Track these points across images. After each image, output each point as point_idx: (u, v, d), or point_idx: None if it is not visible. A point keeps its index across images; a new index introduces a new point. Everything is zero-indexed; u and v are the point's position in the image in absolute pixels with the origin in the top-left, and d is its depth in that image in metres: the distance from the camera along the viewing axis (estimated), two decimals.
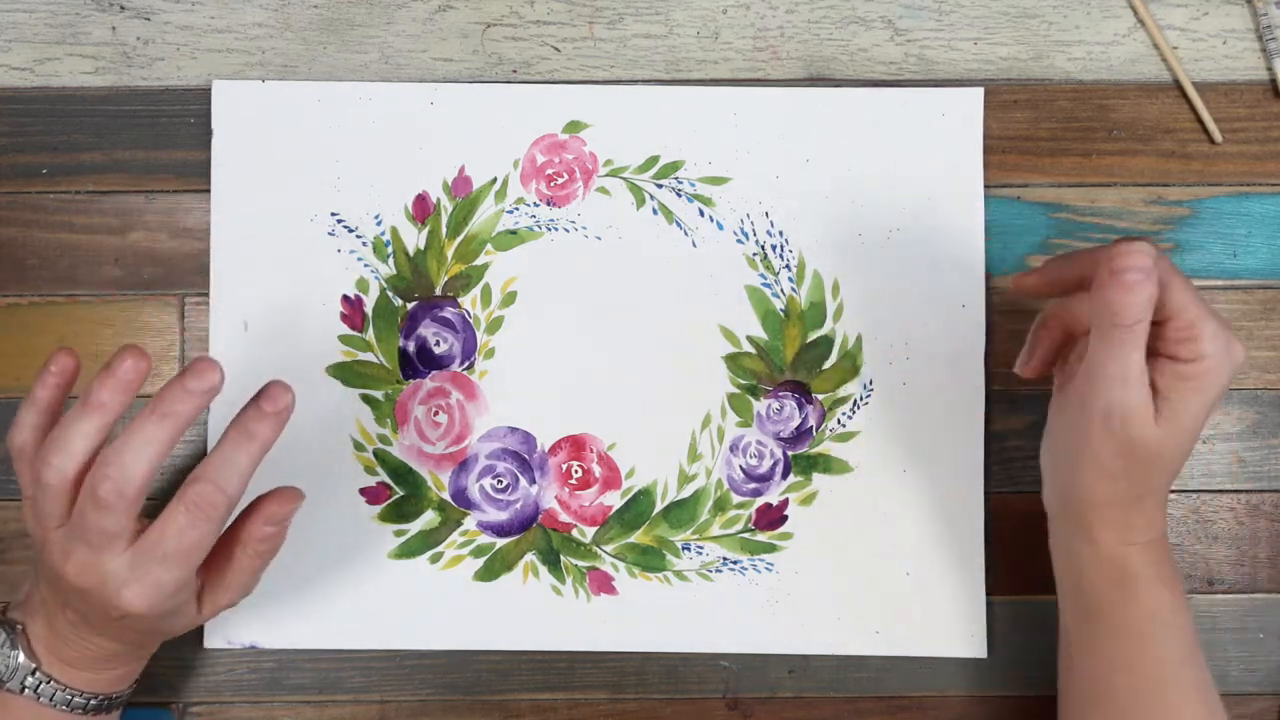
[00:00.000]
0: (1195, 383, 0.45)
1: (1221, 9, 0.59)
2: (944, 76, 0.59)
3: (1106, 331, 0.45)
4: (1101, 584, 0.48)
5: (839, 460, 0.58)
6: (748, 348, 0.58)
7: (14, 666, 0.49)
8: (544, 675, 0.58)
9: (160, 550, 0.46)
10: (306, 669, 0.58)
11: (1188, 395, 0.45)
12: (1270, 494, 0.58)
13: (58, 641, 0.49)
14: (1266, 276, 0.59)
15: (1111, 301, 0.44)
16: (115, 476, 0.45)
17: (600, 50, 0.59)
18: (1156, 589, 0.48)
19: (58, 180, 0.58)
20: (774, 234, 0.58)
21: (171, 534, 0.46)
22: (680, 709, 0.58)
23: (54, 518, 0.47)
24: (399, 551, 0.58)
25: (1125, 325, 0.44)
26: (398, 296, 0.58)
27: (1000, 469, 0.58)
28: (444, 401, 0.58)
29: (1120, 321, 0.44)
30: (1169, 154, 0.59)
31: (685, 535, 0.58)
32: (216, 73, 0.59)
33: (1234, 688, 0.58)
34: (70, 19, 0.59)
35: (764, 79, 0.59)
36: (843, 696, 0.58)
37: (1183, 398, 0.45)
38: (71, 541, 0.46)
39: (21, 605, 0.50)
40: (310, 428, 0.58)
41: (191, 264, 0.58)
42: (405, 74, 0.59)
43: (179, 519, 0.46)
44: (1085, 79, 0.59)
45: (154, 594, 0.47)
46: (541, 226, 0.58)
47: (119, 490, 0.45)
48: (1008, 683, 0.58)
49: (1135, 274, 0.44)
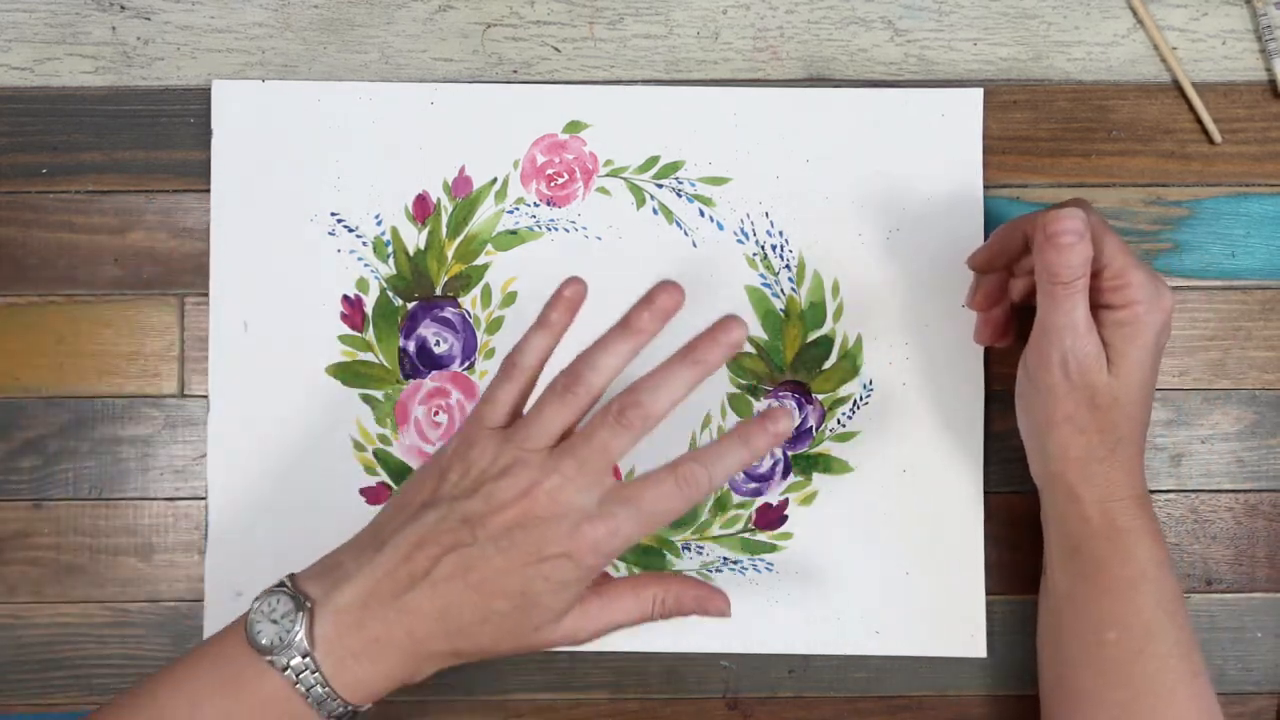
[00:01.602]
0: (1131, 328, 0.49)
1: (1221, 9, 0.59)
2: (944, 77, 0.59)
3: (1050, 290, 0.49)
4: (1093, 542, 0.51)
5: (839, 460, 0.58)
6: (748, 348, 0.58)
7: (289, 641, 0.46)
8: (544, 675, 0.58)
9: (635, 502, 0.46)
10: None
11: (1127, 341, 0.49)
12: (1268, 494, 0.58)
13: (367, 616, 0.46)
14: (1265, 277, 0.59)
15: (1050, 263, 0.49)
16: (646, 402, 0.46)
17: (600, 50, 0.59)
18: (1146, 542, 0.50)
19: (58, 180, 0.58)
20: (774, 234, 0.58)
21: (652, 494, 0.46)
22: (680, 709, 0.58)
23: (550, 435, 0.47)
24: None
25: (1065, 283, 0.49)
26: (398, 296, 0.58)
27: (1000, 469, 0.58)
28: (444, 402, 0.58)
29: (1059, 280, 0.49)
30: (1168, 154, 0.59)
31: (685, 535, 0.58)
32: (216, 73, 0.59)
33: (1232, 687, 0.58)
34: (70, 19, 0.59)
35: (764, 79, 0.59)
36: (843, 696, 0.58)
37: (1125, 343, 0.49)
38: (559, 459, 0.46)
39: (323, 576, 0.48)
40: (310, 428, 0.58)
41: (191, 264, 0.58)
42: (405, 74, 0.59)
43: (667, 485, 0.46)
44: (1085, 79, 0.59)
45: (609, 541, 0.46)
46: (542, 226, 0.58)
47: (645, 415, 0.46)
48: (1008, 683, 0.58)
49: (1068, 236, 0.48)
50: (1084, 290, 0.49)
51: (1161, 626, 0.50)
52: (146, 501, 0.58)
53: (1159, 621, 0.50)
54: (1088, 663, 0.51)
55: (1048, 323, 0.50)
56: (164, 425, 0.58)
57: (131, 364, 0.58)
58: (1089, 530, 0.51)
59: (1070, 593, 0.51)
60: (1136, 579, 0.50)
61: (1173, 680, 0.49)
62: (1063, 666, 0.52)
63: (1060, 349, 0.49)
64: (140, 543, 0.58)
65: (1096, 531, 0.50)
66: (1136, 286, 0.49)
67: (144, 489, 0.58)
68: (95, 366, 0.58)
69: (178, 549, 0.58)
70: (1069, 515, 0.51)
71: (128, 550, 0.58)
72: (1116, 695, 0.50)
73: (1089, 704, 0.50)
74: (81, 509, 0.58)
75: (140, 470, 0.58)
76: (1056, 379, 0.50)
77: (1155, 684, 0.49)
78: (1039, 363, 0.50)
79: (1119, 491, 0.50)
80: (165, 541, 0.58)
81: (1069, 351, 0.49)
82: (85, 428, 0.58)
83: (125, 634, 0.58)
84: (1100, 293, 0.50)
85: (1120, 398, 0.50)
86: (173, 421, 0.58)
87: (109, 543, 0.58)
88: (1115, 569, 0.50)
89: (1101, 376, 0.49)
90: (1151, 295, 0.49)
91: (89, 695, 0.57)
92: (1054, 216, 0.48)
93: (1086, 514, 0.51)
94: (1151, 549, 0.50)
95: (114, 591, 0.58)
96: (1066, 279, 0.49)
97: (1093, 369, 0.49)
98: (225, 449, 0.58)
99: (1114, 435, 0.50)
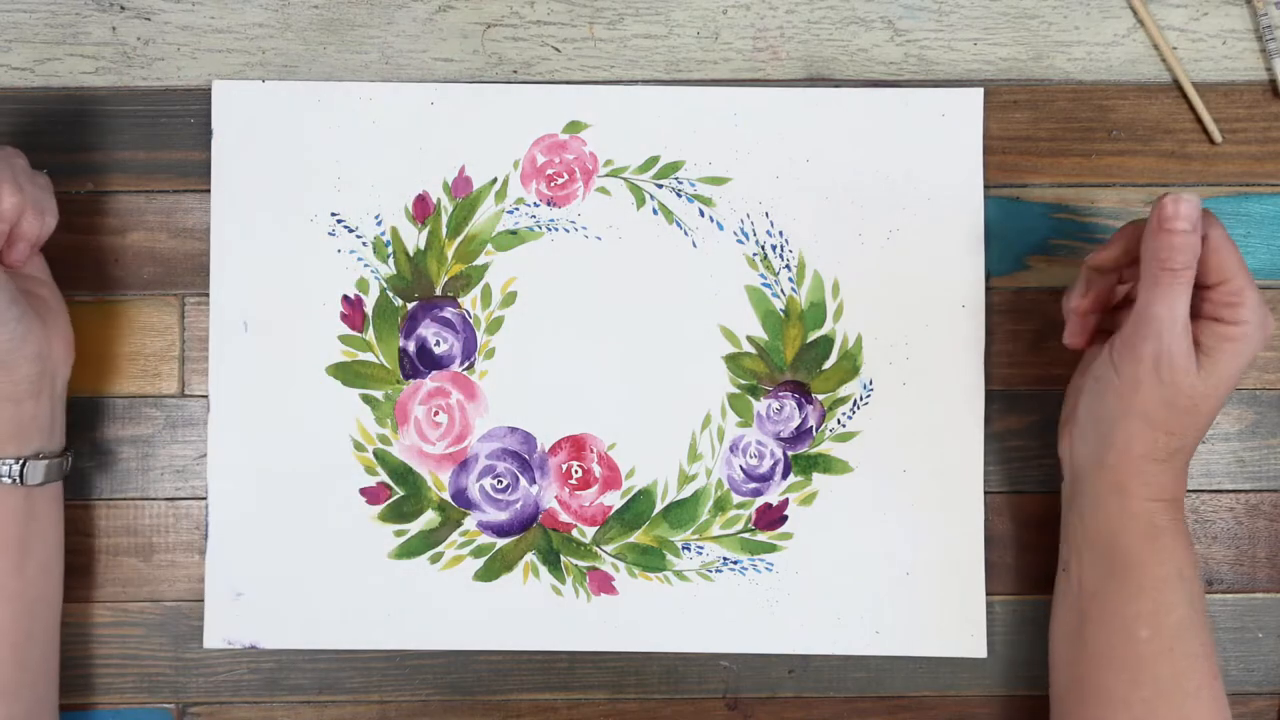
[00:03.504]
0: (1235, 344, 0.49)
1: (1221, 9, 0.59)
2: (944, 77, 0.59)
3: (1155, 276, 0.49)
4: (1133, 538, 0.51)
5: (839, 460, 0.58)
6: (748, 348, 0.58)
7: None
8: (544, 675, 0.58)
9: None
10: (306, 669, 0.58)
11: (1227, 354, 0.49)
12: (1269, 494, 0.58)
13: None
14: (1266, 277, 0.59)
15: (1159, 248, 0.48)
16: None
17: (600, 50, 0.59)
18: (1181, 544, 0.51)
19: (58, 180, 0.58)
20: (774, 234, 0.58)
21: None
22: (680, 709, 0.58)
23: None
24: (399, 551, 0.58)
25: (1172, 270, 0.48)
26: (398, 296, 0.58)
27: (1000, 469, 0.58)
28: (444, 401, 0.58)
29: (1167, 266, 0.48)
30: (1169, 154, 0.59)
31: (685, 535, 0.58)
32: (216, 73, 0.59)
33: (1233, 687, 0.58)
34: (70, 19, 0.59)
35: (764, 79, 0.59)
36: (843, 696, 0.58)
37: (1223, 355, 0.49)
38: None
39: None
40: (310, 428, 0.58)
41: (191, 264, 0.58)
42: (405, 74, 0.59)
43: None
44: (1085, 79, 0.59)
45: None
46: (542, 226, 0.58)
47: None
48: (1008, 683, 0.58)
49: (1181, 222, 0.48)
50: (1188, 284, 0.49)
51: (1192, 626, 0.50)
52: (146, 501, 0.58)
53: (1190, 621, 0.50)
54: (1114, 661, 0.50)
55: (1147, 312, 0.49)
56: (164, 425, 0.58)
57: (131, 364, 0.58)
58: (1132, 527, 0.51)
59: (1099, 590, 0.51)
60: (1173, 578, 0.50)
61: (1198, 681, 0.49)
62: (1084, 665, 0.51)
63: (1155, 342, 0.49)
64: (140, 543, 0.58)
65: (1138, 530, 0.50)
66: (1250, 307, 0.49)
67: (144, 489, 0.58)
68: (95, 366, 0.58)
69: (178, 549, 0.58)
70: (1111, 509, 0.51)
71: (128, 550, 0.58)
72: (1141, 694, 0.49)
73: (1111, 703, 0.50)
74: (82, 509, 0.58)
75: (140, 470, 0.58)
76: (1144, 371, 0.49)
77: (1182, 684, 0.49)
78: (1128, 351, 0.50)
79: (1165, 493, 0.51)
80: (165, 541, 0.58)
81: (1164, 346, 0.49)
82: (85, 428, 0.58)
83: (125, 634, 0.58)
84: (1212, 304, 0.49)
85: (1200, 405, 0.49)
86: (173, 421, 0.58)
87: (109, 543, 0.58)
88: (1152, 567, 0.50)
89: (1189, 379, 0.49)
90: (1261, 319, 0.49)
91: (89, 695, 0.57)
92: (1170, 200, 0.48)
93: (1133, 510, 0.51)
94: (1186, 550, 0.51)
95: (114, 591, 0.58)
96: (1174, 265, 0.48)
97: (1181, 369, 0.49)
98: (225, 449, 0.58)
99: (1181, 439, 0.50)
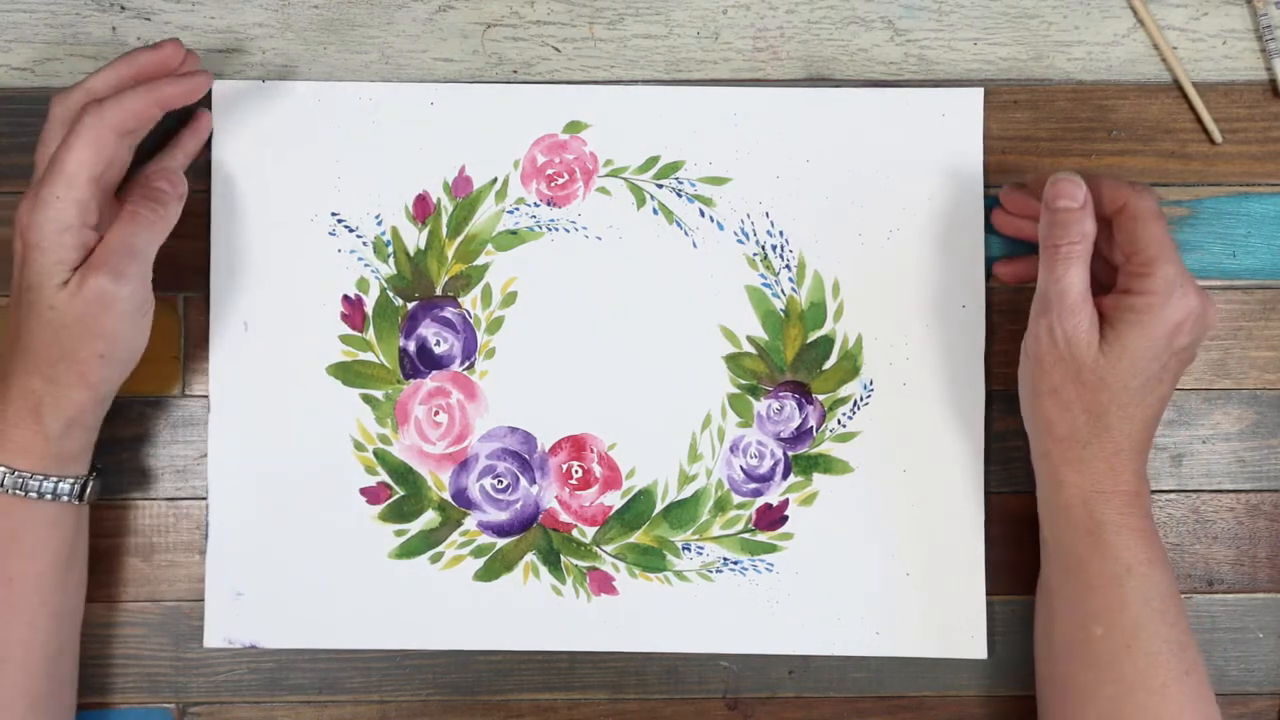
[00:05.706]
0: (1138, 315, 0.49)
1: (1221, 9, 0.59)
2: (944, 76, 0.59)
3: (1048, 254, 0.51)
4: (1073, 535, 0.51)
5: (839, 460, 0.58)
6: (748, 348, 0.58)
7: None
8: (544, 675, 0.58)
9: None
10: (306, 669, 0.58)
11: (1130, 326, 0.49)
12: (1270, 494, 0.58)
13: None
14: (1266, 276, 0.59)
15: (1045, 224, 0.51)
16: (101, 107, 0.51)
17: (600, 50, 0.59)
18: (1126, 537, 0.50)
19: None
20: (774, 234, 0.58)
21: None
22: (680, 709, 0.58)
23: None
24: (399, 551, 0.58)
25: (1056, 245, 0.50)
26: (398, 296, 0.58)
27: (1000, 469, 0.58)
28: (444, 401, 0.58)
29: (1050, 242, 0.50)
30: (1169, 154, 0.59)
31: (685, 535, 0.58)
32: (216, 73, 0.59)
33: (1233, 687, 0.58)
34: (70, 19, 0.59)
35: (764, 79, 0.59)
36: (843, 696, 0.58)
37: (1125, 327, 0.49)
38: None
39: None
40: (310, 428, 0.58)
41: (191, 264, 0.58)
42: (405, 74, 0.59)
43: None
44: (1085, 79, 0.59)
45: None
46: (542, 226, 0.58)
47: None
48: (1008, 683, 0.58)
49: (1063, 200, 0.50)
50: (1080, 259, 0.50)
51: (1150, 623, 0.50)
52: (146, 501, 0.58)
53: (1147, 618, 0.50)
54: (1077, 657, 0.51)
55: (1042, 288, 0.51)
56: (164, 425, 0.58)
57: None
58: (1069, 521, 0.51)
59: (1059, 587, 0.52)
60: (1121, 575, 0.50)
61: (1163, 677, 0.49)
62: (1055, 661, 0.52)
63: (1048, 316, 0.50)
64: (140, 543, 0.58)
65: (1077, 524, 0.51)
66: (1158, 279, 0.49)
67: (144, 489, 0.58)
68: None
69: (178, 549, 0.58)
70: (1053, 505, 0.52)
71: (128, 550, 0.58)
72: (1106, 690, 0.50)
73: (1080, 699, 0.51)
74: None
75: (140, 470, 0.58)
76: (1044, 347, 0.51)
77: (1146, 680, 0.49)
78: (1031, 329, 0.51)
79: (1103, 484, 0.51)
80: (165, 541, 0.58)
81: (1056, 320, 0.50)
82: None
83: (125, 634, 0.58)
84: (1123, 275, 0.51)
85: (1108, 380, 0.50)
86: (173, 421, 0.58)
87: (109, 543, 0.58)
88: (1097, 564, 0.50)
89: (1089, 352, 0.50)
90: (1171, 291, 0.49)
91: (89, 695, 0.57)
92: (1053, 180, 0.51)
93: (1068, 503, 0.51)
94: (1138, 546, 0.50)
95: (114, 591, 0.58)
96: (1058, 240, 0.50)
97: (1081, 341, 0.50)
98: (225, 449, 0.58)
99: (1100, 420, 0.50)
